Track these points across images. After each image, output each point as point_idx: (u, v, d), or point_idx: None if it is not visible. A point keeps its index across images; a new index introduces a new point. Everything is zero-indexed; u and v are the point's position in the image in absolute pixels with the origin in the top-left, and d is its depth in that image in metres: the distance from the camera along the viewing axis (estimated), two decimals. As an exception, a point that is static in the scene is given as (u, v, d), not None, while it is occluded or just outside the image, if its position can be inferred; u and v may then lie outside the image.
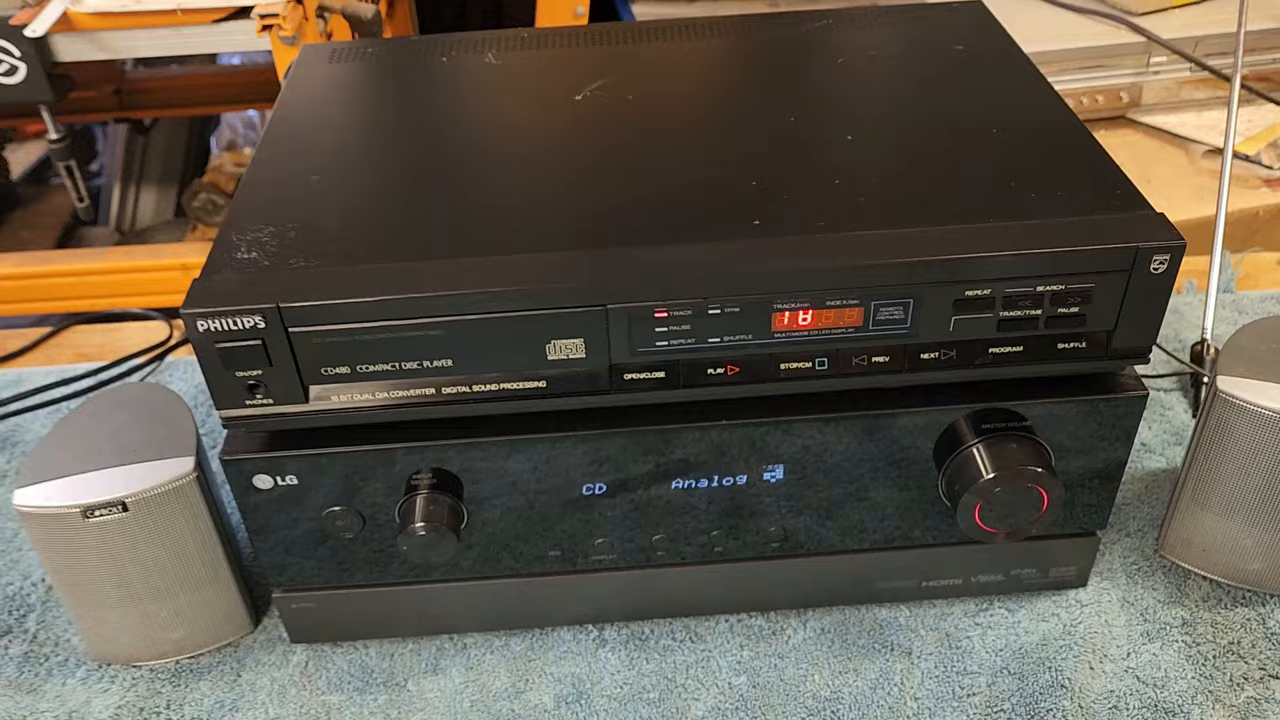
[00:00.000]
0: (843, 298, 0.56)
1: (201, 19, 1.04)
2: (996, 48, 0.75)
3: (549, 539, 0.65)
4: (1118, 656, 0.68)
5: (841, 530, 0.66)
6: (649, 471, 0.62)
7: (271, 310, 0.54)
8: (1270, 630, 0.69)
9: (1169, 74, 1.24)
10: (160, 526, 0.64)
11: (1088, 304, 0.56)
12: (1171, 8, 1.26)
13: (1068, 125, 0.65)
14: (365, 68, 0.77)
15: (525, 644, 0.71)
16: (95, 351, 0.99)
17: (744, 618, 0.72)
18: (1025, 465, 0.60)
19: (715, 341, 0.57)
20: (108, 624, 0.68)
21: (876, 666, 0.68)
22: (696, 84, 0.75)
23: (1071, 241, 0.55)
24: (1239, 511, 0.68)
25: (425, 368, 0.57)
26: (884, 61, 0.74)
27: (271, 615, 0.73)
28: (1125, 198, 0.58)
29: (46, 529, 0.63)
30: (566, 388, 0.58)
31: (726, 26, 0.81)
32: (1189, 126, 1.25)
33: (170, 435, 0.66)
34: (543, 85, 0.74)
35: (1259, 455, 0.65)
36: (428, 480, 0.61)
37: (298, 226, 0.59)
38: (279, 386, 0.57)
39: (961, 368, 0.59)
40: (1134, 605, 0.71)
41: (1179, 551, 0.73)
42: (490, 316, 0.54)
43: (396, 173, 0.65)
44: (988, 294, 0.56)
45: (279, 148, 0.67)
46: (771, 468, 0.63)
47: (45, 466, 0.65)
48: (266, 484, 0.61)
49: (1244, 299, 0.97)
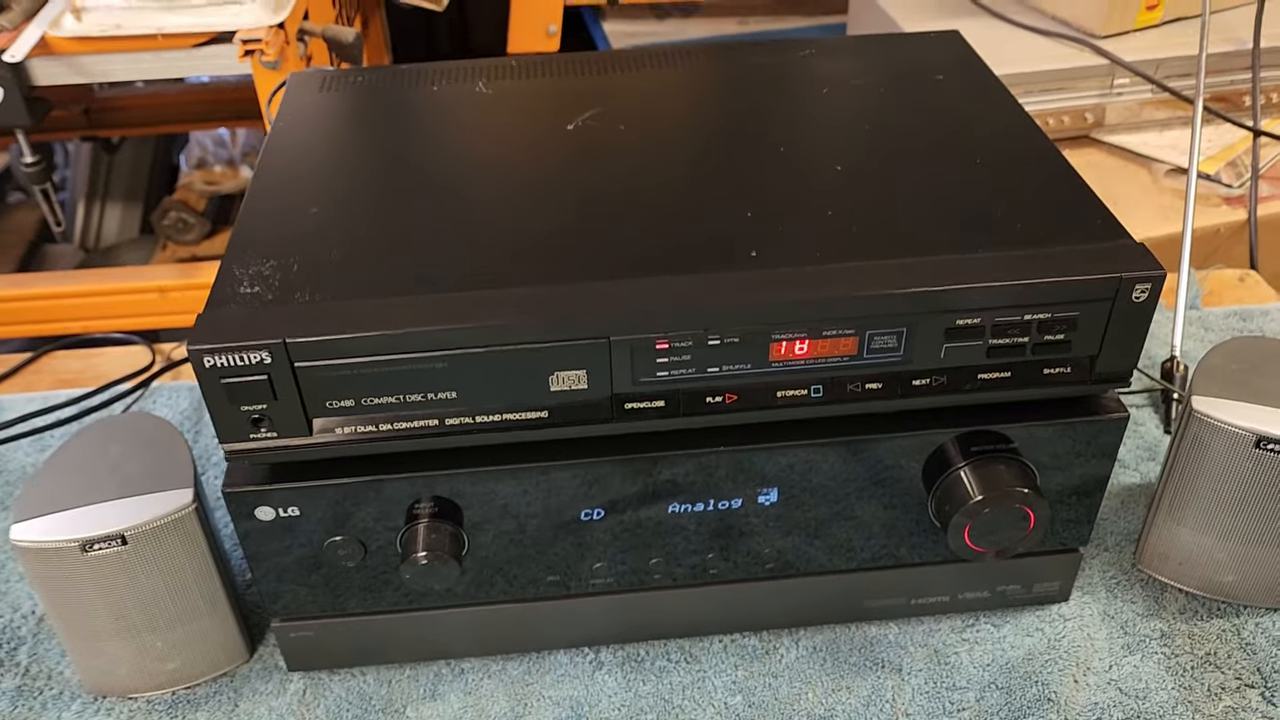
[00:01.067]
0: (839, 328, 0.57)
1: (182, 44, 1.04)
2: (975, 78, 0.77)
3: (547, 564, 0.66)
4: (1100, 669, 0.70)
5: (832, 550, 0.68)
6: (646, 497, 0.63)
7: (278, 346, 0.54)
8: (1245, 641, 0.71)
9: (1131, 95, 1.28)
10: (159, 559, 0.64)
11: (1073, 331, 0.58)
12: (1133, 31, 1.29)
13: (1047, 155, 0.67)
14: (356, 96, 0.77)
15: (522, 668, 0.72)
16: (75, 378, 0.98)
17: (737, 638, 0.73)
18: (1013, 486, 0.62)
19: (714, 371, 0.58)
20: (104, 656, 0.68)
21: (868, 684, 0.70)
22: (685, 113, 0.76)
23: (1058, 272, 0.57)
24: (1213, 527, 0.71)
25: (429, 400, 0.57)
26: (867, 91, 0.76)
27: (267, 644, 0.73)
28: (1106, 227, 0.60)
29: (44, 564, 0.63)
30: (568, 417, 0.59)
31: (712, 54, 0.83)
32: (1151, 146, 1.28)
33: (167, 466, 0.66)
34: (535, 115, 0.75)
35: (1232, 473, 0.68)
36: (429, 509, 0.62)
37: (300, 259, 0.60)
38: (283, 420, 0.57)
39: (951, 393, 0.60)
40: (1114, 618, 0.73)
41: (1156, 565, 0.75)
42: (495, 350, 0.55)
43: (395, 204, 0.65)
44: (978, 323, 0.58)
45: (275, 178, 0.68)
46: (766, 491, 0.64)
47: (41, 500, 0.64)
48: (269, 515, 0.61)
49: (1210, 315, 1.00)
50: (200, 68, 1.07)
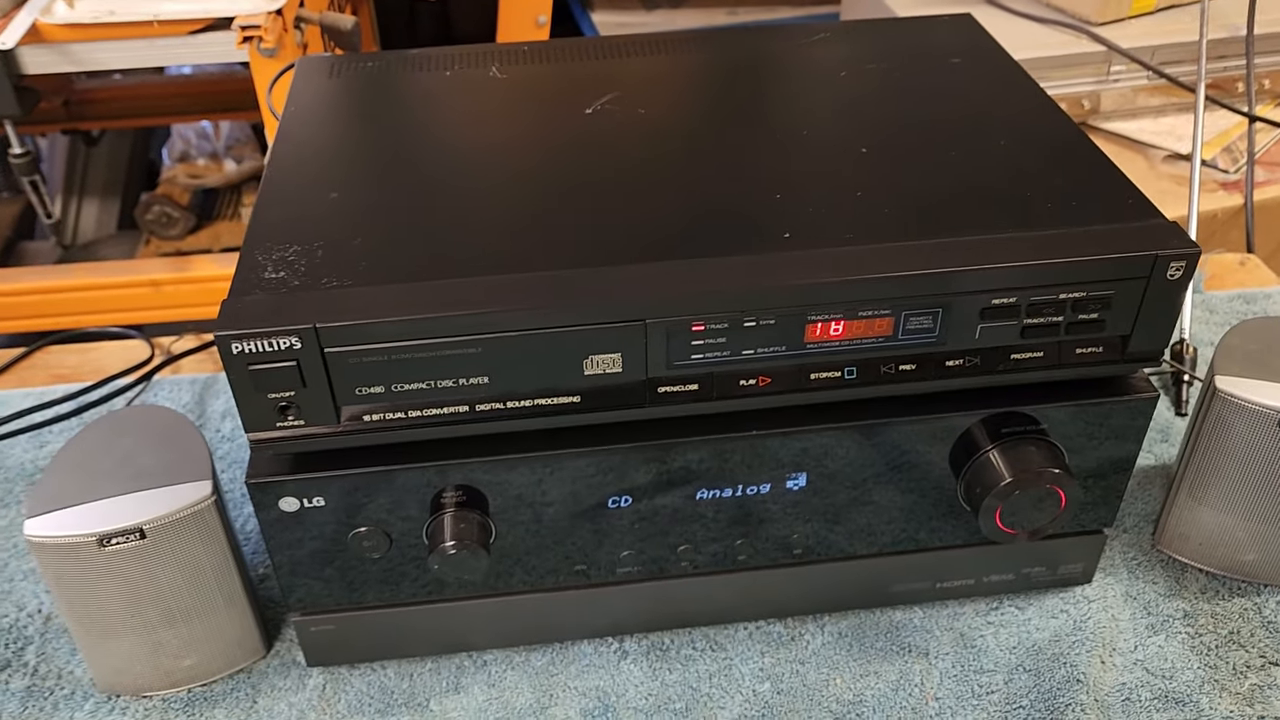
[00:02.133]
0: (875, 308, 0.57)
1: (178, 30, 1.02)
2: (992, 60, 0.77)
3: (574, 553, 0.65)
4: (1126, 650, 0.70)
5: (859, 535, 0.67)
6: (674, 483, 0.62)
7: (308, 331, 0.53)
8: (1267, 619, 0.72)
9: (1127, 81, 1.28)
10: (178, 552, 0.63)
11: (1107, 310, 0.58)
12: (1128, 18, 1.30)
13: (1071, 136, 0.67)
14: (368, 81, 0.76)
15: (546, 659, 0.71)
16: (71, 373, 0.96)
17: (762, 625, 0.72)
18: (1044, 467, 0.61)
19: (749, 353, 0.58)
20: (118, 654, 0.66)
21: (896, 668, 0.69)
22: (704, 96, 0.75)
23: (1094, 250, 0.56)
24: (1235, 506, 0.71)
25: (461, 385, 0.56)
26: (885, 74, 0.75)
27: (284, 639, 0.72)
28: (1138, 207, 0.60)
29: (60, 559, 0.61)
30: (601, 402, 0.58)
31: (725, 39, 0.82)
32: (1147, 132, 1.29)
33: (183, 458, 0.65)
34: (552, 99, 0.74)
35: (1255, 451, 0.68)
36: (455, 497, 0.61)
37: (324, 245, 0.58)
38: (311, 407, 0.56)
39: (984, 374, 0.60)
40: (1137, 599, 0.73)
41: (1176, 546, 0.75)
42: (529, 333, 0.54)
43: (418, 188, 0.64)
44: (1013, 302, 0.57)
45: (290, 164, 0.66)
46: (795, 476, 0.64)
47: (55, 495, 0.63)
48: (293, 506, 0.60)
49: (1213, 298, 1.01)
50: (195, 56, 1.05)
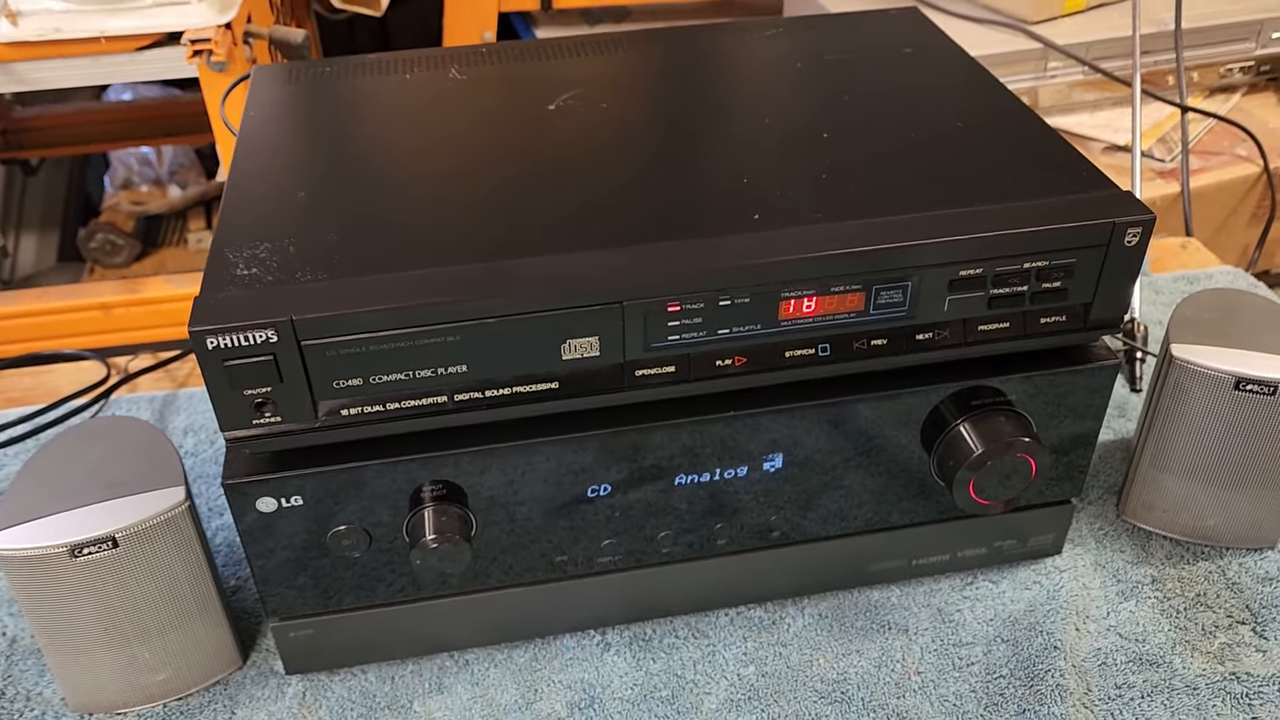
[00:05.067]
0: (846, 283, 0.58)
1: (126, 46, 1.00)
2: (941, 49, 0.79)
3: (555, 544, 0.65)
4: (1099, 616, 0.71)
5: (838, 515, 0.68)
6: (652, 469, 0.63)
7: (285, 324, 0.53)
8: (1231, 580, 0.74)
9: (1064, 77, 1.32)
10: (151, 561, 0.62)
11: (1069, 278, 0.60)
12: (1062, 16, 1.34)
13: (1024, 117, 0.69)
14: (326, 86, 0.76)
15: (529, 655, 0.70)
16: (25, 395, 0.94)
17: (743, 610, 0.73)
18: (1014, 437, 0.63)
19: (724, 333, 0.58)
20: (91, 671, 0.64)
21: (877, 646, 0.70)
22: (663, 91, 0.76)
23: (1055, 220, 0.58)
24: (1196, 472, 0.73)
25: (439, 375, 0.56)
26: (840, 65, 0.77)
27: (259, 649, 0.71)
28: (1092, 179, 0.62)
29: (30, 572, 0.60)
30: (579, 387, 0.58)
31: (680, 36, 0.83)
32: (1085, 126, 1.33)
33: (154, 466, 0.64)
34: (513, 97, 0.74)
35: (1213, 416, 0.70)
36: (435, 491, 0.61)
37: (295, 241, 0.58)
38: (288, 403, 0.55)
39: (954, 347, 0.61)
40: (1106, 568, 0.75)
41: (1140, 515, 0.77)
42: (510, 318, 0.55)
43: (387, 185, 0.64)
44: (979, 273, 0.59)
45: (252, 167, 0.66)
46: (771, 457, 0.64)
47: (22, 507, 0.61)
48: (271, 507, 0.59)
49: (1158, 280, 1.04)
50: (143, 72, 1.03)
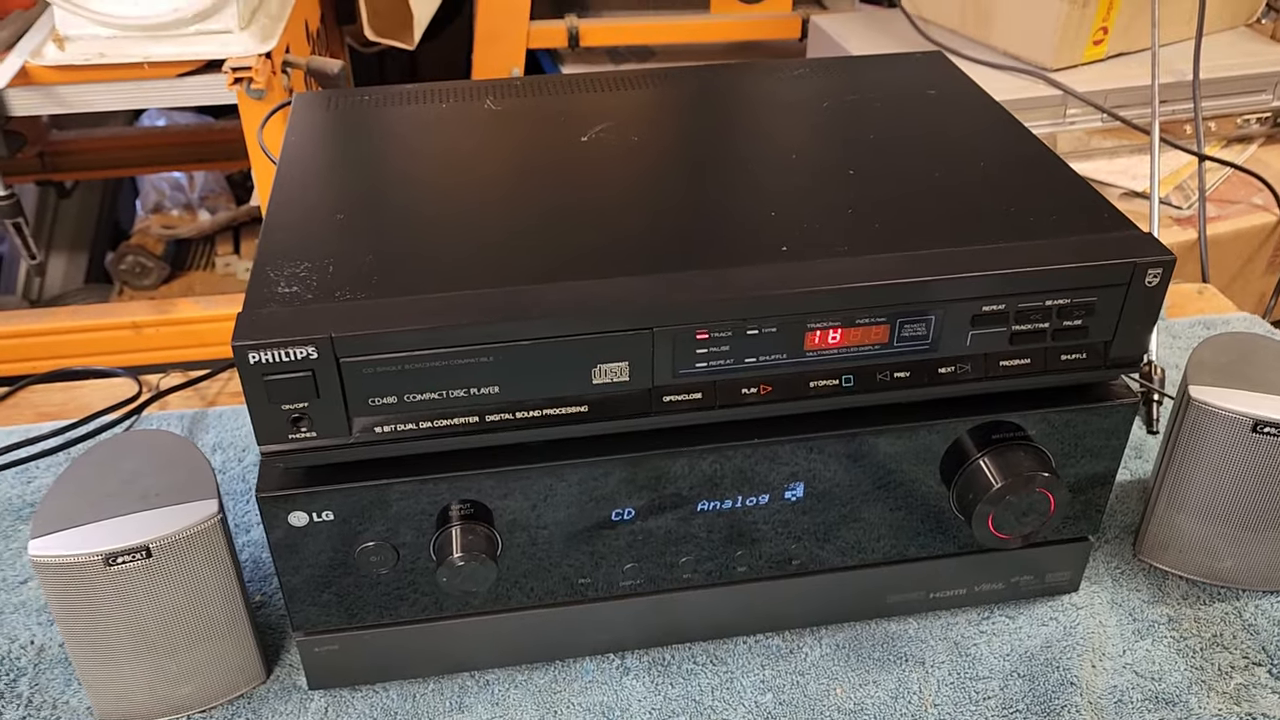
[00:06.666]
0: (871, 316, 0.59)
1: (167, 72, 1.03)
2: (965, 92, 0.80)
3: (577, 566, 0.66)
4: (1115, 654, 0.72)
5: (857, 545, 0.69)
6: (676, 494, 0.64)
7: (324, 340, 0.54)
8: (1247, 622, 0.74)
9: (1083, 124, 1.34)
10: (183, 572, 0.63)
11: (1090, 316, 0.61)
12: (1081, 65, 1.36)
13: (1046, 159, 0.70)
14: (365, 114, 0.78)
15: (548, 677, 0.71)
16: (57, 410, 0.96)
17: (761, 638, 0.73)
18: (1034, 472, 0.64)
19: (751, 361, 0.60)
20: (119, 680, 0.65)
21: (894, 677, 0.71)
22: (693, 125, 0.78)
23: (1077, 259, 0.59)
24: (1212, 513, 0.73)
25: (472, 395, 0.58)
26: (865, 104, 0.79)
27: (283, 663, 0.72)
28: (1113, 220, 0.63)
29: (64, 580, 0.61)
30: (608, 411, 0.59)
31: (712, 74, 0.85)
32: (1103, 172, 1.34)
33: (187, 478, 0.65)
34: (547, 128, 0.76)
35: (1230, 458, 0.71)
36: (462, 510, 0.62)
37: (335, 261, 0.60)
38: (324, 418, 0.57)
39: (976, 381, 0.62)
40: (1122, 606, 0.75)
41: (1156, 554, 0.78)
42: (544, 341, 0.56)
43: (423, 210, 0.66)
44: (1002, 309, 0.60)
45: (293, 189, 0.68)
46: (793, 487, 0.65)
47: (59, 515, 0.63)
48: (302, 521, 0.61)
49: (1175, 325, 1.05)
50: (184, 98, 1.06)
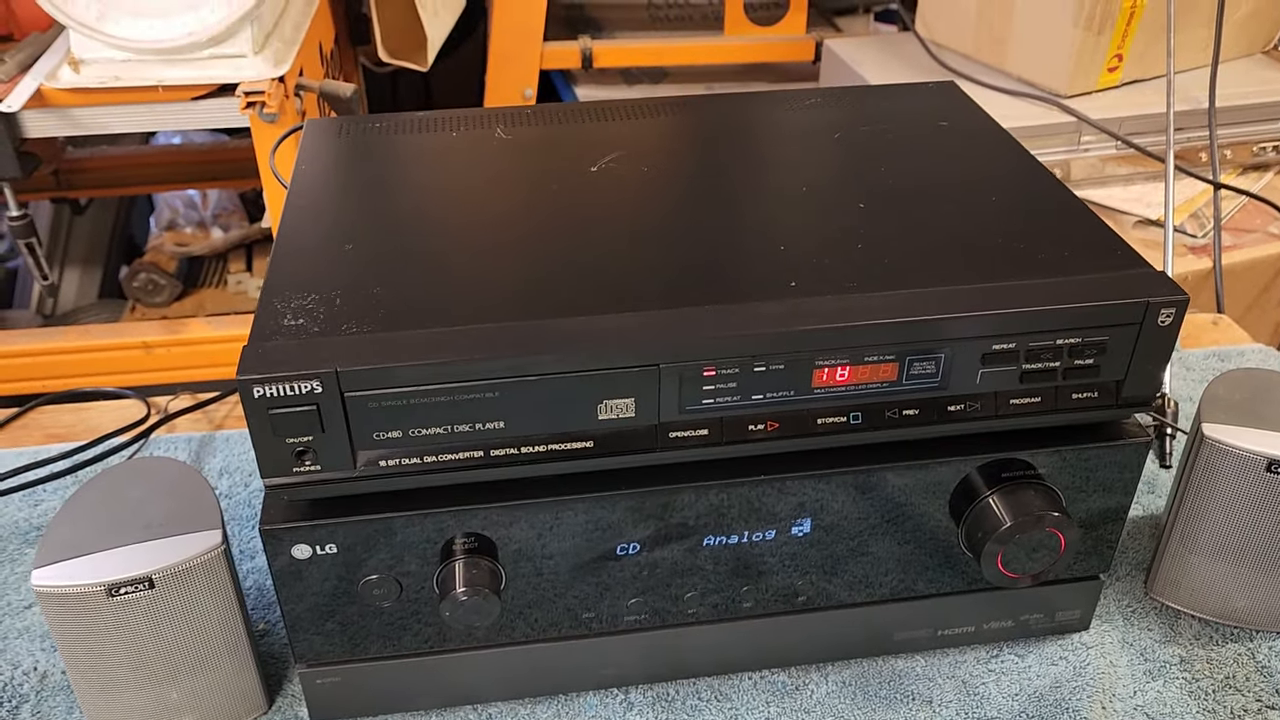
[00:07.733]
0: (880, 353, 0.58)
1: (181, 96, 1.04)
2: (978, 124, 0.80)
3: (582, 600, 0.65)
4: (1125, 695, 0.71)
5: (864, 582, 0.68)
6: (681, 529, 0.63)
7: (329, 375, 0.54)
8: (1260, 664, 0.73)
9: (1097, 151, 1.34)
10: (186, 603, 0.63)
11: (1102, 355, 0.60)
12: (1095, 91, 1.35)
13: (1058, 194, 0.70)
14: (376, 141, 0.78)
15: (551, 711, 0.70)
16: (66, 432, 0.96)
17: (766, 674, 0.72)
18: (1044, 510, 0.63)
19: (758, 398, 0.59)
20: (120, 709, 0.65)
21: (900, 716, 0.70)
22: (704, 157, 0.78)
23: (1088, 297, 0.59)
24: (1225, 552, 0.72)
25: (477, 430, 0.57)
26: (877, 135, 0.78)
27: (285, 694, 0.71)
28: (1126, 258, 0.63)
29: (66, 610, 0.61)
30: (613, 446, 0.59)
31: (722, 104, 0.85)
32: (1117, 199, 1.34)
33: (192, 508, 0.65)
34: (556, 158, 0.76)
35: (1243, 497, 0.70)
36: (466, 544, 0.62)
37: (342, 293, 0.60)
38: (328, 452, 0.57)
39: (985, 419, 0.62)
40: (1133, 646, 0.74)
41: (1168, 593, 0.77)
42: (550, 377, 0.56)
43: (431, 241, 0.66)
44: (1013, 348, 0.59)
45: (302, 218, 0.68)
46: (800, 522, 0.65)
47: (63, 545, 0.62)
48: (305, 554, 0.60)
49: (1189, 356, 1.04)
50: (197, 121, 1.07)
